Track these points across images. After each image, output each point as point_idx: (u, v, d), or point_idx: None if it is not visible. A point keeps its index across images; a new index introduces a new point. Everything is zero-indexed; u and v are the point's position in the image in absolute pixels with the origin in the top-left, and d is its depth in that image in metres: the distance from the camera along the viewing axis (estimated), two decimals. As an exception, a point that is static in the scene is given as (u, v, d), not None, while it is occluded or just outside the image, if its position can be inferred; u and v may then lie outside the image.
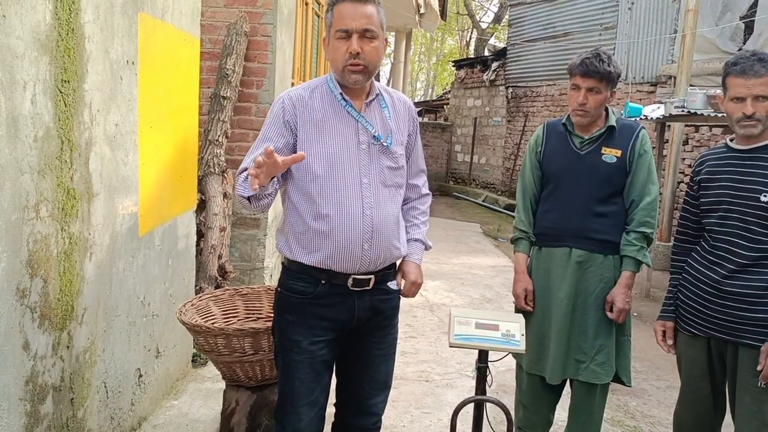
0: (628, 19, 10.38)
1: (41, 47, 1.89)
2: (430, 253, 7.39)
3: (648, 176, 2.47)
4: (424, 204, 2.21)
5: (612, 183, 2.48)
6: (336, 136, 1.92)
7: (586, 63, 2.41)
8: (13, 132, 1.78)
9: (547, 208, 2.60)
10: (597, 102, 2.44)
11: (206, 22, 4.21)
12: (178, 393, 3.30)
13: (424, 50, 34.11)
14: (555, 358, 2.52)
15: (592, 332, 2.49)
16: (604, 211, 2.49)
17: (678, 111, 5.88)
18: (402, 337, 4.50)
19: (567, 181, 2.53)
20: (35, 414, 1.99)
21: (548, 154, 2.60)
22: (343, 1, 1.88)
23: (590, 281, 2.50)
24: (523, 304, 2.61)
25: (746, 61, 2.11)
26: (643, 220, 2.46)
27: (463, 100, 16.00)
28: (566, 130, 2.58)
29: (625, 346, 2.57)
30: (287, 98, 1.96)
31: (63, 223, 2.08)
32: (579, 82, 2.44)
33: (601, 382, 2.51)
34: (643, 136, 2.50)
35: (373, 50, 1.89)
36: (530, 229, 2.64)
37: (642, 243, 2.46)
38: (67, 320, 2.16)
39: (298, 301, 1.97)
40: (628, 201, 2.50)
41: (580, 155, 2.52)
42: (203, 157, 4.01)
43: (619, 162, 2.47)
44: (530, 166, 2.66)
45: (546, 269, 2.58)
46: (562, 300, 2.51)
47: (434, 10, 11.97)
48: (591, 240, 2.49)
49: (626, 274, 2.48)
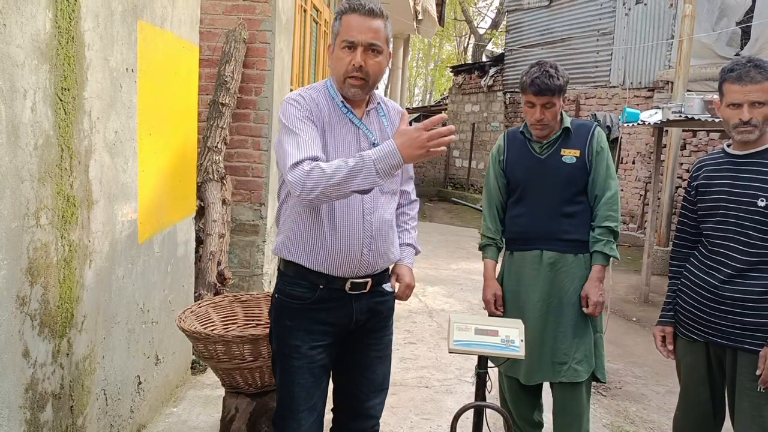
0: (625, 24, 10.43)
1: (41, 55, 1.90)
2: (429, 259, 7.40)
3: (607, 171, 2.57)
4: (413, 209, 2.27)
5: (575, 183, 2.57)
6: (341, 141, 1.94)
7: (537, 83, 2.48)
8: (13, 140, 1.78)
9: (516, 213, 2.67)
10: (553, 114, 2.54)
11: (205, 30, 4.23)
12: (177, 400, 3.30)
13: (421, 56, 34.21)
14: (529, 359, 2.55)
15: (571, 332, 2.56)
16: (570, 211, 2.57)
17: (675, 116, 5.91)
18: (401, 342, 4.51)
19: (532, 186, 2.62)
20: (35, 422, 1.98)
21: (511, 161, 2.69)
22: (351, 12, 1.89)
23: (563, 281, 2.57)
24: (493, 309, 2.70)
25: (742, 67, 2.13)
26: (605, 214, 2.54)
27: (461, 105, 16.04)
28: (525, 137, 2.67)
29: (598, 343, 2.64)
30: (298, 96, 1.94)
31: (63, 230, 2.09)
32: (533, 99, 2.53)
33: (581, 379, 2.56)
34: (598, 134, 2.61)
35: (376, 64, 1.91)
36: (497, 236, 2.74)
37: (608, 237, 2.54)
38: (67, 327, 2.16)
39: (296, 307, 1.97)
40: (592, 198, 2.59)
41: (541, 159, 2.61)
42: (202, 163, 4.02)
43: (579, 162, 2.56)
44: (494, 175, 2.75)
45: (518, 273, 2.65)
46: (536, 302, 2.57)
47: (432, 17, 12.01)
48: (561, 241, 2.57)
49: (596, 267, 2.55)
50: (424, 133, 1.68)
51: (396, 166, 1.72)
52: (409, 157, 1.71)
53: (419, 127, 1.70)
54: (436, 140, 1.69)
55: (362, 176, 1.70)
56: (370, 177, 1.70)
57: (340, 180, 1.71)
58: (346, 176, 1.70)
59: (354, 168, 1.70)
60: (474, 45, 24.07)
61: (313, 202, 1.78)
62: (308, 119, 1.88)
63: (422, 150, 1.70)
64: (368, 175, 1.70)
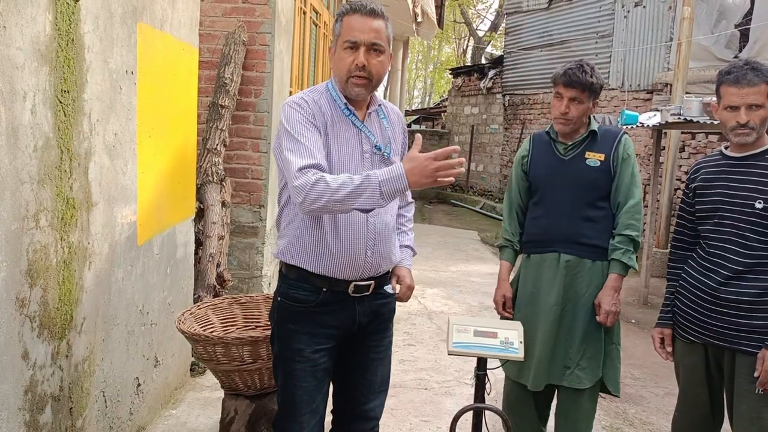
0: (624, 27, 10.44)
1: (41, 58, 1.91)
2: (428, 261, 7.40)
3: (631, 179, 2.51)
4: (410, 212, 2.28)
5: (597, 187, 2.52)
6: (344, 144, 1.94)
7: (569, 73, 2.47)
8: (13, 142, 1.79)
9: (536, 215, 2.64)
10: (579, 111, 2.49)
11: (205, 32, 4.23)
12: (176, 402, 3.30)
13: (421, 58, 34.25)
14: (539, 363, 2.52)
15: (580, 337, 2.52)
16: (592, 215, 2.52)
17: (674, 118, 5.91)
18: (401, 344, 4.51)
19: (553, 187, 2.58)
20: (34, 424, 1.98)
21: (534, 162, 2.66)
22: (353, 13, 1.90)
23: (579, 286, 2.52)
24: (501, 310, 2.67)
25: (739, 70, 2.13)
26: (627, 223, 2.49)
27: (460, 107, 16.06)
28: (550, 138, 2.64)
29: (613, 354, 2.56)
30: (301, 100, 1.93)
31: (62, 232, 2.09)
32: (562, 91, 2.49)
33: (582, 386, 2.51)
34: (625, 141, 2.55)
35: (378, 64, 1.91)
36: (515, 239, 2.71)
37: (627, 246, 2.48)
38: (66, 329, 2.16)
39: (300, 310, 1.97)
40: (614, 205, 2.54)
41: (565, 161, 2.57)
42: (201, 165, 4.02)
43: (603, 166, 2.51)
44: (516, 177, 2.72)
45: (535, 276, 2.60)
46: (552, 306, 2.53)
47: (431, 19, 12.02)
48: (580, 245, 2.52)
49: (612, 276, 2.49)
50: (434, 163, 1.69)
51: (401, 191, 1.72)
52: (415, 184, 1.72)
53: (430, 156, 1.70)
54: (444, 171, 1.69)
55: (366, 196, 1.71)
56: (374, 197, 1.71)
57: (343, 196, 1.71)
58: (350, 193, 1.71)
59: (359, 186, 1.71)
60: (473, 47, 24.10)
61: (313, 213, 1.79)
62: (311, 124, 1.88)
63: (430, 179, 1.70)
64: (372, 195, 1.71)
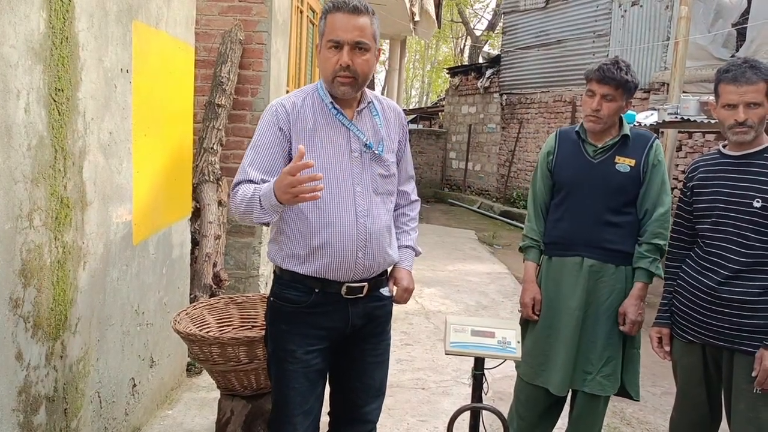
0: (621, 26, 10.45)
1: (35, 56, 1.89)
2: (426, 260, 7.39)
3: (661, 187, 2.45)
4: (413, 210, 2.22)
5: (625, 192, 2.45)
6: (328, 144, 1.92)
7: (603, 69, 2.38)
8: (6, 141, 1.77)
9: (558, 217, 2.56)
10: (611, 110, 2.41)
11: (201, 30, 4.21)
12: (172, 402, 3.28)
13: (418, 57, 34.24)
14: (562, 368, 2.47)
15: (602, 343, 2.46)
16: (617, 220, 2.46)
17: (671, 117, 5.91)
18: (398, 344, 4.50)
19: (579, 190, 2.49)
20: (28, 425, 1.97)
21: (560, 161, 2.56)
22: (336, 11, 1.87)
23: (601, 291, 2.47)
24: (530, 313, 2.57)
25: (738, 68, 2.13)
26: (656, 231, 2.43)
27: (457, 107, 16.04)
28: (579, 137, 2.54)
29: (634, 359, 2.53)
30: (279, 106, 1.94)
31: (56, 232, 2.07)
32: (595, 87, 2.41)
33: (606, 394, 2.48)
34: (657, 147, 2.48)
35: (364, 63, 1.88)
36: (541, 238, 2.61)
37: (655, 255, 2.44)
38: (61, 330, 2.15)
39: (291, 310, 1.96)
40: (642, 211, 2.47)
41: (594, 163, 2.48)
42: (198, 164, 4.01)
43: (633, 172, 2.44)
44: (541, 175, 2.63)
45: (556, 279, 2.54)
46: (574, 310, 2.46)
47: (429, 18, 12.02)
48: (603, 250, 2.46)
49: (638, 285, 2.45)
50: (288, 178, 1.63)
51: (276, 206, 1.72)
52: (282, 200, 1.69)
53: (285, 171, 1.64)
54: (297, 188, 1.63)
55: (256, 209, 1.76)
56: (262, 211, 1.75)
57: (245, 209, 1.80)
58: (248, 206, 1.78)
59: (252, 200, 1.77)
60: (470, 46, 24.11)
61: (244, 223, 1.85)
62: (276, 133, 1.90)
63: (288, 195, 1.65)
64: (260, 209, 1.75)
